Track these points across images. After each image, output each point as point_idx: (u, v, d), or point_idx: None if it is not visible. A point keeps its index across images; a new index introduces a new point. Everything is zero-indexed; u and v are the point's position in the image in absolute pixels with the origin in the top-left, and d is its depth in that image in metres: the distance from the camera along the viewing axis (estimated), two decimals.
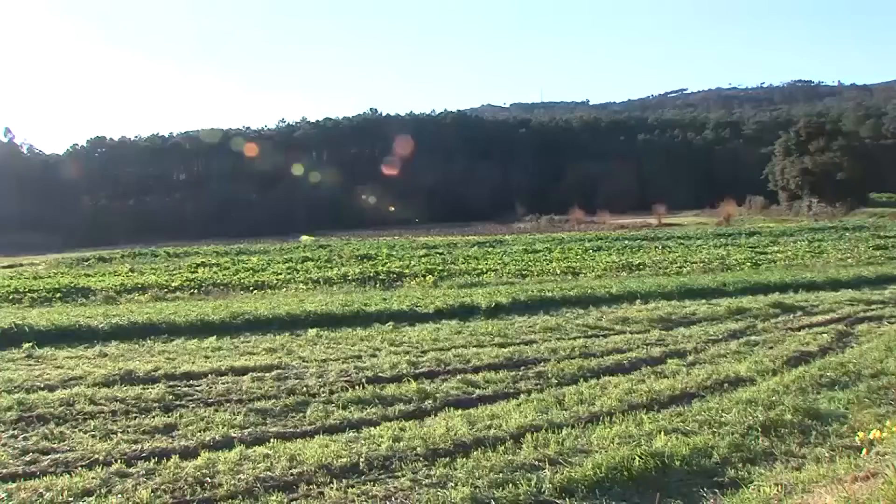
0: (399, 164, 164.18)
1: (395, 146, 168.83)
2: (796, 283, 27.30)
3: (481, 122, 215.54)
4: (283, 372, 14.13)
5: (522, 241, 60.59)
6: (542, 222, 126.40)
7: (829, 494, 6.99)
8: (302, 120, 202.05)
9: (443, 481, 8.67)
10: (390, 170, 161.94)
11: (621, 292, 24.89)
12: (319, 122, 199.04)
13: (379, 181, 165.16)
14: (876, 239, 50.59)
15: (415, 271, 34.29)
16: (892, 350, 15.54)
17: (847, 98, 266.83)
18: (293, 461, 9.22)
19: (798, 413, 11.04)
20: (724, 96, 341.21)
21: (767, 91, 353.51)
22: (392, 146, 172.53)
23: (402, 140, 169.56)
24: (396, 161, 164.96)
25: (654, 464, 9.02)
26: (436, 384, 13.23)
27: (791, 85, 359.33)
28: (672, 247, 49.74)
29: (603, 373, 14.17)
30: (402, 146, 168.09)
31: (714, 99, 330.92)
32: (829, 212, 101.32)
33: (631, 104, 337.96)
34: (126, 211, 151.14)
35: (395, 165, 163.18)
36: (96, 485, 8.57)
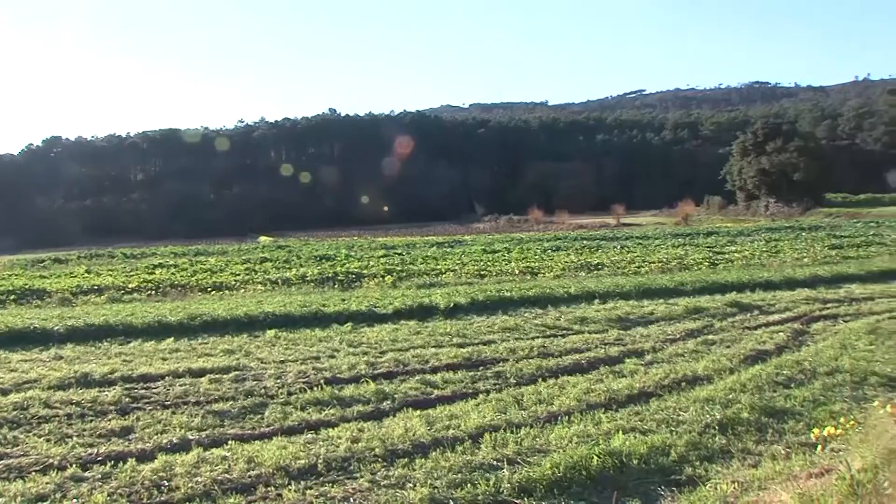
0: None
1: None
2: (753, 283, 27.45)
3: (440, 122, 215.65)
4: (241, 373, 14.01)
5: (481, 241, 60.70)
6: (501, 222, 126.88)
7: (785, 491, 7.05)
8: (260, 120, 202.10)
9: (401, 482, 8.67)
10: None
11: (580, 292, 24.92)
12: (278, 122, 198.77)
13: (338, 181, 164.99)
14: (831, 239, 51.02)
15: (373, 272, 34.17)
16: (847, 348, 15.74)
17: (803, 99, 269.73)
18: (251, 463, 9.17)
19: (755, 411, 11.15)
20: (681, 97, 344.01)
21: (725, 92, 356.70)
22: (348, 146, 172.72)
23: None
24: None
25: (612, 463, 9.08)
26: (394, 385, 13.19)
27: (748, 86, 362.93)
28: (630, 247, 49.89)
29: (561, 372, 14.18)
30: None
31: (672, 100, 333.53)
32: (785, 212, 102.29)
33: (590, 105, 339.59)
34: (82, 211, 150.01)
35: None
36: (51, 490, 8.47)
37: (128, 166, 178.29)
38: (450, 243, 58.15)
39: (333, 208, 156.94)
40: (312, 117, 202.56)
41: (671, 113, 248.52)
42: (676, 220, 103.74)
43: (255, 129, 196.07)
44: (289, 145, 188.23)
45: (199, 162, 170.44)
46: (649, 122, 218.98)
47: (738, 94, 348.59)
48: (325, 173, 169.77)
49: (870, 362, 14.20)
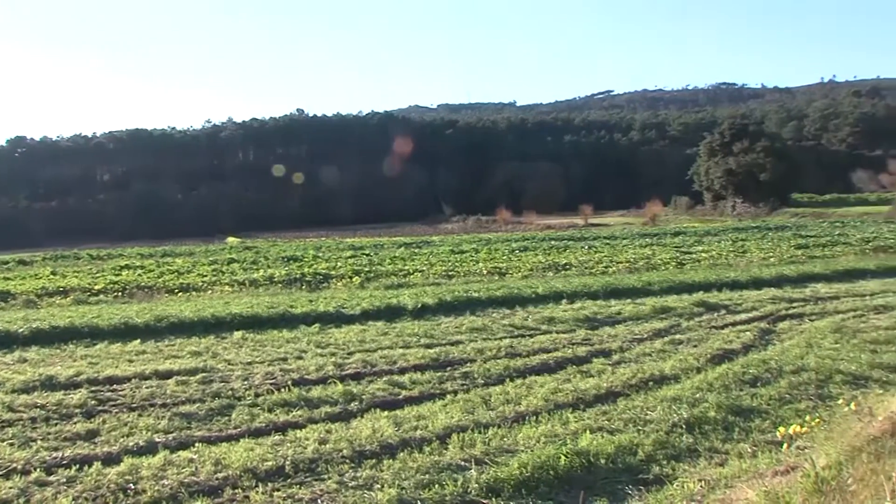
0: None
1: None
2: (720, 283, 27.59)
3: (408, 122, 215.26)
4: (208, 375, 13.95)
5: (449, 241, 60.64)
6: (469, 223, 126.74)
7: (751, 489, 7.10)
8: (228, 120, 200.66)
9: (369, 483, 8.69)
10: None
11: (547, 292, 24.95)
12: (246, 122, 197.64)
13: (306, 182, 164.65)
14: (798, 238, 51.32)
15: (341, 273, 34.07)
16: (813, 347, 15.90)
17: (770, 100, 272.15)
18: (218, 465, 9.14)
19: (721, 410, 11.24)
20: (649, 98, 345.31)
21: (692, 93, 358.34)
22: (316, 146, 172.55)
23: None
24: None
25: (579, 462, 9.13)
26: (362, 386, 13.18)
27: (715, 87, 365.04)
28: (598, 247, 49.94)
29: (529, 372, 14.23)
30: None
31: (640, 100, 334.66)
32: (752, 212, 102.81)
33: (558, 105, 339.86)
34: (47, 212, 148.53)
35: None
36: (14, 494, 8.41)
37: (94, 167, 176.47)
38: (418, 244, 58.04)
39: (302, 209, 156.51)
40: (280, 117, 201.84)
41: (639, 114, 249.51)
42: (644, 221, 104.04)
43: (222, 129, 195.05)
44: (257, 145, 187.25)
45: (167, 162, 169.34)
46: (617, 123, 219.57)
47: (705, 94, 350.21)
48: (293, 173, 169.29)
49: (835, 361, 14.36)
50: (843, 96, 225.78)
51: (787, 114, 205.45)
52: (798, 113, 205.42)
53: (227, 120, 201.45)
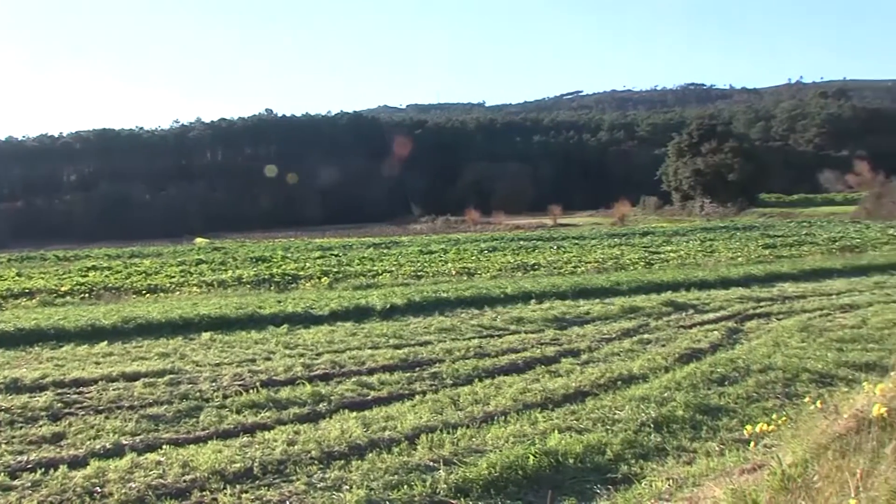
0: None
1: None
2: (688, 282, 27.71)
3: (377, 122, 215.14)
4: (175, 377, 13.86)
5: (418, 242, 60.60)
6: (438, 223, 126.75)
7: (718, 487, 7.13)
8: (196, 120, 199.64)
9: (337, 484, 8.67)
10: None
11: (516, 292, 24.96)
12: (214, 123, 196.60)
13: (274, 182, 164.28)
14: (765, 238, 51.63)
15: (310, 273, 33.95)
16: (780, 346, 16.00)
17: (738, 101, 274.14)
18: (186, 467, 9.09)
19: (689, 409, 11.29)
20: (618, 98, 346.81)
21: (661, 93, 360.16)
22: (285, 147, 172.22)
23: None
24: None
25: (548, 462, 9.14)
26: (330, 387, 13.15)
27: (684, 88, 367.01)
28: (567, 247, 50.02)
29: (498, 373, 14.24)
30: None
31: (608, 101, 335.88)
32: (720, 212, 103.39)
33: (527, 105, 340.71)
34: (13, 213, 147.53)
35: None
36: None
37: (60, 167, 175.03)
38: (386, 244, 57.96)
39: (270, 209, 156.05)
40: (249, 118, 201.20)
41: (607, 114, 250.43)
42: (613, 221, 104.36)
43: (191, 129, 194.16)
44: (225, 146, 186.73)
45: (134, 162, 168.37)
46: (586, 124, 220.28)
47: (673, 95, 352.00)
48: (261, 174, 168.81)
49: (801, 359, 14.46)
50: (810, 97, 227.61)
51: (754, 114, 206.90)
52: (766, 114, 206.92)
53: (196, 120, 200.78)
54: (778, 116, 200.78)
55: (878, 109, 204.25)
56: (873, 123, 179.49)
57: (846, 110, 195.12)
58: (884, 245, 44.51)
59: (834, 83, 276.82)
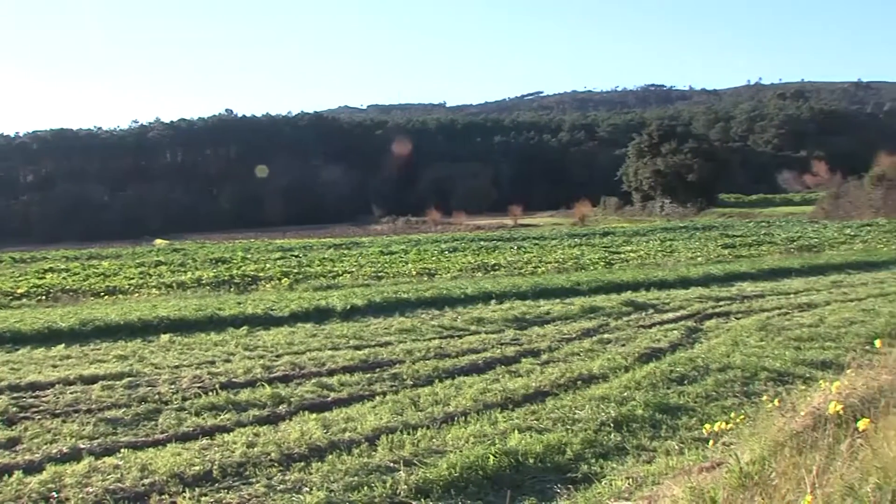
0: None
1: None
2: (648, 282, 27.84)
3: (338, 123, 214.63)
4: (134, 379, 13.74)
5: (379, 242, 60.49)
6: (399, 224, 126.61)
7: (677, 485, 7.16)
8: (155, 120, 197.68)
9: (298, 486, 8.64)
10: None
11: (476, 293, 24.97)
12: (173, 123, 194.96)
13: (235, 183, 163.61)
14: (724, 238, 51.97)
15: (270, 274, 33.79)
16: (739, 345, 16.12)
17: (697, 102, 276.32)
18: (144, 471, 9.01)
19: (649, 408, 11.34)
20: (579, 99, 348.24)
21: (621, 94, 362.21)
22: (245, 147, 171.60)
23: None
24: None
25: (508, 462, 9.15)
26: (290, 388, 13.08)
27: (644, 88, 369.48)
28: (527, 247, 50.11)
29: (458, 373, 14.23)
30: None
31: (569, 102, 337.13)
32: (680, 212, 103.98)
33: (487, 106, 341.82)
34: None
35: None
36: None
37: (17, 167, 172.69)
38: (347, 245, 57.90)
39: (231, 210, 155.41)
40: (209, 118, 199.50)
41: (568, 115, 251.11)
42: (573, 221, 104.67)
43: (149, 129, 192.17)
44: (185, 146, 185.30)
45: (92, 163, 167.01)
46: (546, 124, 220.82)
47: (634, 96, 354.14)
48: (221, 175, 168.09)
49: (760, 358, 14.58)
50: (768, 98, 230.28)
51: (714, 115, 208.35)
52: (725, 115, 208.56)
53: (155, 120, 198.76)
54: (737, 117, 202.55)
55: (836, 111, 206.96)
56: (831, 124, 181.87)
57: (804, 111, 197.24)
58: (841, 244, 44.96)
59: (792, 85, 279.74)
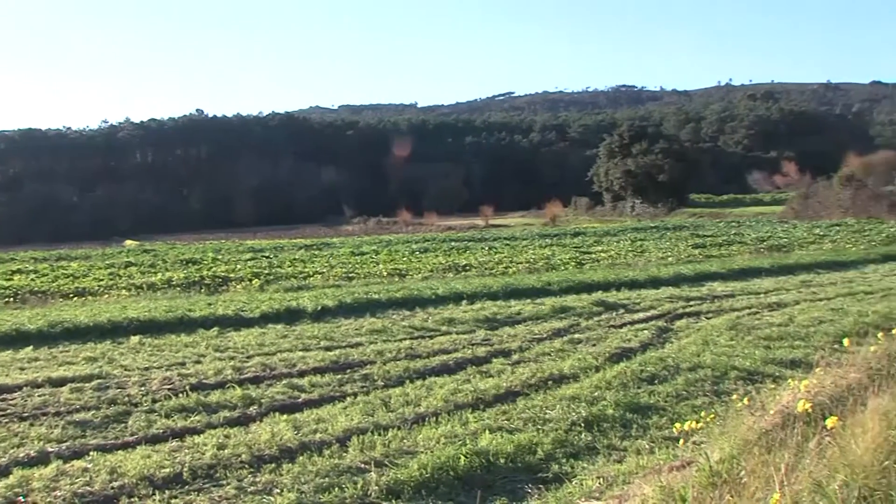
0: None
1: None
2: (619, 282, 27.89)
3: (309, 123, 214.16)
4: (103, 381, 13.63)
5: (350, 243, 60.35)
6: (370, 224, 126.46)
7: (647, 484, 7.17)
8: (125, 120, 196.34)
9: (268, 488, 8.62)
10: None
11: (447, 293, 24.94)
12: (143, 123, 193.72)
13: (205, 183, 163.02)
14: (695, 238, 52.23)
15: (241, 275, 33.66)
16: (709, 344, 16.21)
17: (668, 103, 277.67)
18: (114, 474, 8.95)
19: (620, 407, 11.39)
20: (550, 100, 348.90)
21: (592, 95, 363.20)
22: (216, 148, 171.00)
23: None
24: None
25: (479, 462, 9.17)
26: (261, 389, 13.05)
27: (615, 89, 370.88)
28: (498, 247, 50.13)
29: (429, 374, 14.23)
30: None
31: (540, 102, 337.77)
32: (651, 212, 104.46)
33: (459, 107, 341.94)
34: None
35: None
36: None
37: None
38: (318, 246, 57.70)
39: (202, 211, 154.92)
40: (179, 118, 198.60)
41: (539, 115, 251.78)
42: (544, 221, 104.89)
43: (119, 129, 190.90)
44: (155, 146, 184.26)
45: (61, 163, 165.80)
46: (518, 125, 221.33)
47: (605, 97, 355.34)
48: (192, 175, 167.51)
49: (730, 357, 14.70)
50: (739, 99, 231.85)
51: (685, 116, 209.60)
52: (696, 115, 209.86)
53: (125, 120, 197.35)
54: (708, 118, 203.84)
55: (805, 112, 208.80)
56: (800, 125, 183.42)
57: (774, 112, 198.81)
58: (810, 244, 45.32)
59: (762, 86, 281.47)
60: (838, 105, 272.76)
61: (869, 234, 50.63)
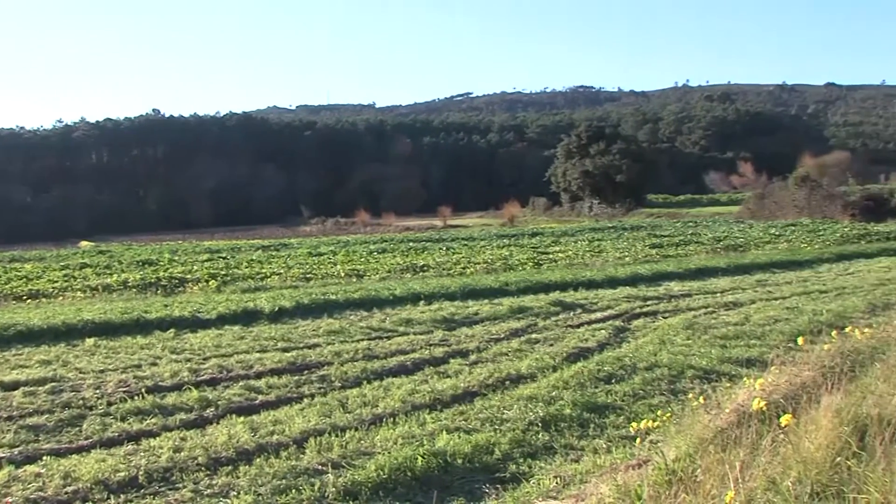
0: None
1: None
2: (576, 282, 27.93)
3: (267, 123, 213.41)
4: (57, 385, 13.44)
5: (307, 244, 60.13)
6: (328, 225, 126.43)
7: (604, 483, 7.22)
8: (81, 120, 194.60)
9: (225, 490, 8.56)
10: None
11: (405, 294, 24.88)
12: (99, 123, 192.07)
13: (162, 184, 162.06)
14: (652, 238, 52.43)
15: (197, 276, 33.41)
16: (666, 343, 16.28)
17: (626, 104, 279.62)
18: (67, 479, 8.83)
19: (577, 407, 11.42)
20: (508, 100, 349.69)
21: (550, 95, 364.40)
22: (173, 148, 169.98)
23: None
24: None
25: (436, 463, 9.16)
26: (218, 391, 12.96)
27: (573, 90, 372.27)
28: (456, 248, 50.08)
29: (386, 374, 14.19)
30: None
31: (498, 103, 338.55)
32: (608, 212, 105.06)
33: (417, 107, 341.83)
34: None
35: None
36: None
37: None
38: (276, 246, 57.50)
39: (158, 212, 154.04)
40: (135, 118, 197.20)
41: (497, 116, 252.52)
42: (502, 222, 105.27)
43: (74, 129, 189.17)
44: (111, 147, 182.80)
45: (14, 163, 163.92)
46: (476, 125, 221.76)
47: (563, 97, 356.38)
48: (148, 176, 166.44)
49: (687, 356, 14.78)
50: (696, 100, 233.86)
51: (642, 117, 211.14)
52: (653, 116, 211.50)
53: (80, 120, 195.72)
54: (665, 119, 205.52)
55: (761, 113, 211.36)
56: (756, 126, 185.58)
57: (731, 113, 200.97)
58: (766, 244, 45.69)
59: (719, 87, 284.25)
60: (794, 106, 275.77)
61: (823, 233, 51.21)
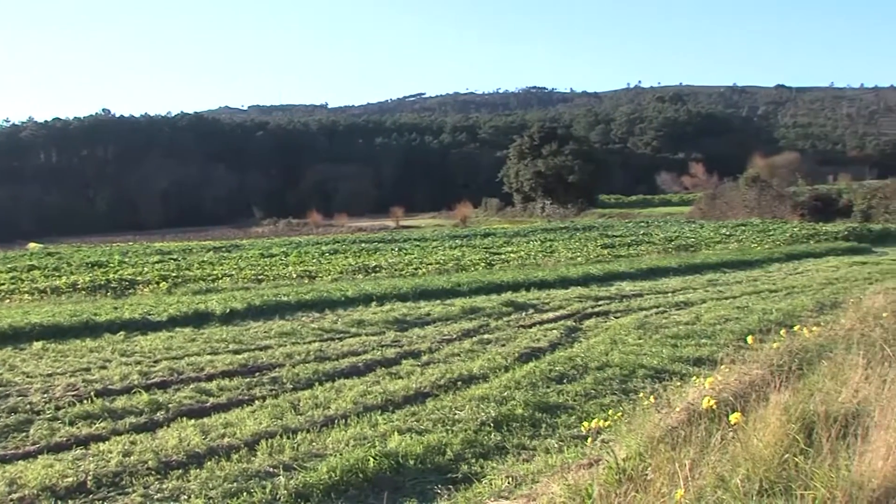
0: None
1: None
2: (528, 282, 28.01)
3: (218, 123, 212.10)
4: (3, 389, 13.28)
5: (259, 245, 59.76)
6: (280, 226, 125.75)
7: (555, 483, 7.23)
8: (28, 120, 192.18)
9: (175, 494, 8.56)
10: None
11: (357, 295, 24.83)
12: (48, 123, 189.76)
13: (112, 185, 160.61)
14: (604, 238, 52.66)
15: (148, 278, 33.10)
16: (617, 343, 16.41)
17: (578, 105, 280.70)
18: (13, 485, 8.76)
19: (529, 407, 11.48)
20: (461, 101, 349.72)
21: (503, 96, 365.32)
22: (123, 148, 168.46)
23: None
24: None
25: (388, 464, 9.20)
26: (168, 394, 12.88)
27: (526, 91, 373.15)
28: (409, 249, 49.99)
29: (338, 376, 14.17)
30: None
31: (451, 103, 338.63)
32: (561, 213, 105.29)
33: (369, 107, 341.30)
34: None
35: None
36: None
37: None
38: (227, 248, 57.03)
39: (108, 213, 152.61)
40: (85, 117, 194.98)
41: (450, 116, 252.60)
42: (455, 222, 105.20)
43: (22, 128, 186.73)
44: (60, 147, 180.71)
45: None
46: (428, 126, 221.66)
47: (515, 98, 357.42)
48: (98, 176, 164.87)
49: (638, 356, 14.91)
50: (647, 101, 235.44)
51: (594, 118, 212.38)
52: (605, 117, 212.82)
53: (28, 119, 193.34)
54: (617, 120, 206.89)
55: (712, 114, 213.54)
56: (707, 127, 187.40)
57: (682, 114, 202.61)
58: (717, 244, 46.05)
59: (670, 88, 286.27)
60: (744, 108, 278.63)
61: (773, 233, 51.67)
